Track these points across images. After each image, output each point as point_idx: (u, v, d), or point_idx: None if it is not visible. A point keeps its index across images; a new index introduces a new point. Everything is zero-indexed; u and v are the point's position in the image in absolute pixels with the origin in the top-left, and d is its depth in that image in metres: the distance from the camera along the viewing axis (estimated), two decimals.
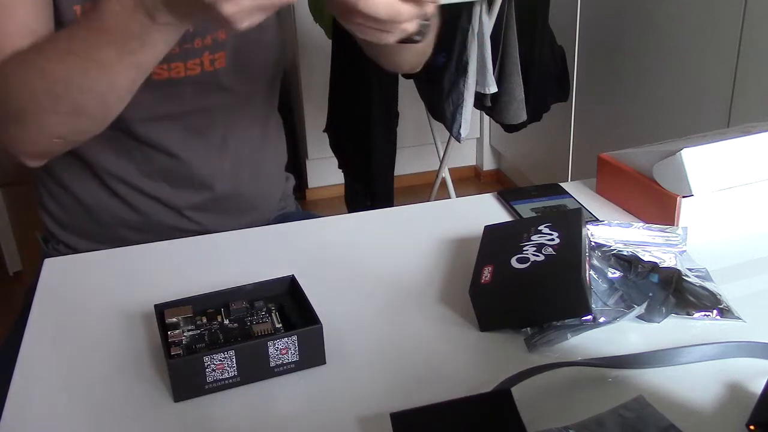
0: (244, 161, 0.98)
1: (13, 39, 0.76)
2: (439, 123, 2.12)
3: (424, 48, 0.92)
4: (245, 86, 0.95)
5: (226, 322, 0.64)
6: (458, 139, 2.02)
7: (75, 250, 0.97)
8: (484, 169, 3.07)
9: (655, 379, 0.59)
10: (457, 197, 2.25)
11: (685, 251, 0.73)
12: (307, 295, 0.65)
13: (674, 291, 0.67)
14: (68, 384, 0.62)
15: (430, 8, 0.65)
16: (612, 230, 0.75)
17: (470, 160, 3.10)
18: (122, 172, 0.93)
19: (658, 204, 0.80)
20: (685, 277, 0.68)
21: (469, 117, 2.00)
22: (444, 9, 0.83)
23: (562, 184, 0.93)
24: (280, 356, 0.60)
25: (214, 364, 0.58)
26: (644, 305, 0.65)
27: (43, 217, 0.99)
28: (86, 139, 0.81)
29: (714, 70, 1.68)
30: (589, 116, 2.28)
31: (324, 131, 2.23)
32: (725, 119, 1.66)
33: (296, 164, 2.88)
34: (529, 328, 0.64)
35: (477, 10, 1.89)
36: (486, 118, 2.74)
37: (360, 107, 2.10)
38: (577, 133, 2.35)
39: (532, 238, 0.69)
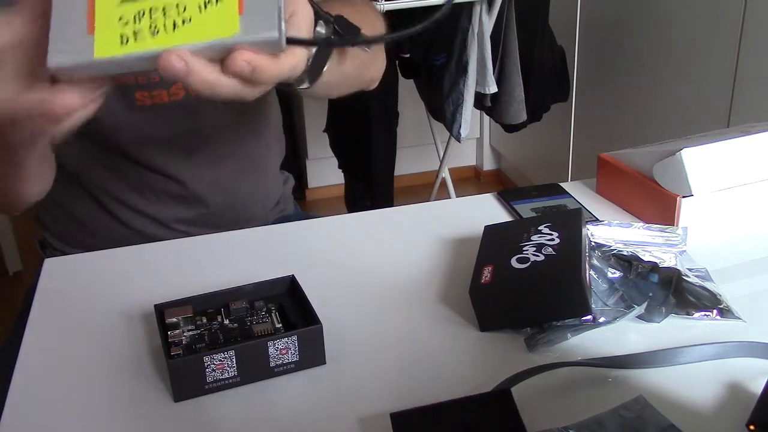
0: (240, 175, 0.97)
1: None
2: (439, 123, 2.12)
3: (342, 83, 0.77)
4: (236, 103, 0.93)
5: (226, 322, 0.64)
6: (458, 139, 2.02)
7: None
8: (484, 169, 3.07)
9: (655, 379, 0.59)
10: (457, 197, 2.25)
11: (685, 251, 0.73)
12: (307, 295, 0.65)
13: (674, 291, 0.67)
14: (68, 384, 0.62)
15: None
16: (612, 230, 0.75)
17: (470, 160, 3.10)
18: (116, 190, 0.93)
19: (658, 204, 0.80)
20: (685, 277, 0.68)
21: (469, 117, 2.00)
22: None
23: (562, 184, 0.93)
24: (280, 356, 0.60)
25: (214, 364, 0.58)
26: (644, 305, 0.65)
27: (39, 228, 0.99)
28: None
29: (714, 70, 1.68)
30: (589, 116, 2.28)
31: (324, 131, 2.23)
32: (725, 119, 1.66)
33: (296, 164, 2.88)
34: (529, 328, 0.65)
35: (477, 10, 1.90)
36: (486, 118, 2.74)
37: (360, 107, 2.10)
38: (577, 133, 2.35)
39: (532, 238, 0.69)
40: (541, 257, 0.65)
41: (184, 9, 0.47)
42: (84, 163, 0.89)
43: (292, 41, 0.49)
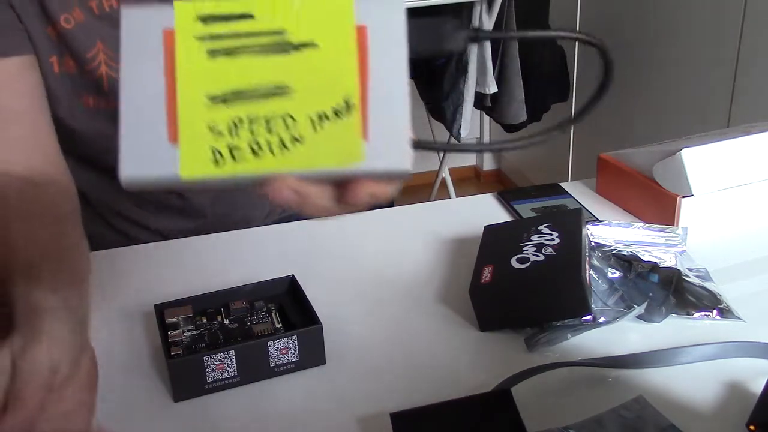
0: None
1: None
2: (439, 123, 2.12)
3: None
4: None
5: (226, 322, 0.64)
6: (458, 139, 2.03)
7: None
8: (484, 169, 3.07)
9: (655, 379, 0.59)
10: (457, 197, 2.25)
11: (685, 251, 0.73)
12: (307, 295, 0.65)
13: (674, 291, 0.67)
14: None
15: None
16: (612, 230, 0.75)
17: (470, 160, 3.10)
18: (117, 204, 0.92)
19: (658, 204, 0.80)
20: (685, 277, 0.68)
21: (469, 117, 2.00)
22: (444, 9, 0.79)
23: (562, 184, 0.93)
24: (280, 356, 0.60)
25: (214, 364, 0.58)
26: (644, 305, 0.65)
27: None
28: None
29: (714, 70, 1.68)
30: (589, 116, 2.28)
31: None
32: (725, 119, 1.66)
33: None
34: (529, 328, 0.64)
35: (477, 10, 1.90)
36: (486, 118, 2.74)
37: None
38: (577, 133, 2.35)
39: (532, 238, 0.69)
40: (541, 257, 0.65)
41: (293, 122, 0.39)
42: (84, 180, 0.89)
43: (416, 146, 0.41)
